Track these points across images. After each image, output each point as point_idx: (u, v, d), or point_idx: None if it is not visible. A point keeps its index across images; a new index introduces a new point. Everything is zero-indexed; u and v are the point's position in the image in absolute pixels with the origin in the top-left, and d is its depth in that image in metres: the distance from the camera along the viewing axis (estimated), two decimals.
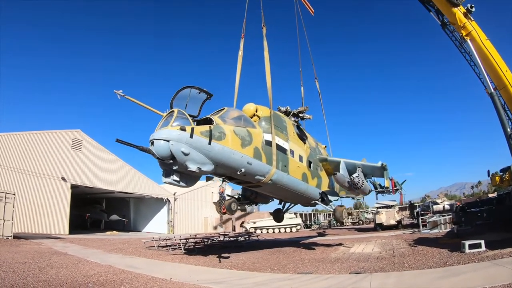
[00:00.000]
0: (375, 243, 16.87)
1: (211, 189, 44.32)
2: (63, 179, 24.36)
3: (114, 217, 33.72)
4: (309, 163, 14.20)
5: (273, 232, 36.97)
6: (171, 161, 9.02)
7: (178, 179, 9.66)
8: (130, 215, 39.62)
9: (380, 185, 14.81)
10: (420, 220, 18.87)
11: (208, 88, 10.27)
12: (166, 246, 17.14)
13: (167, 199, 37.46)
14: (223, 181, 11.31)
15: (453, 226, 15.88)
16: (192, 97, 10.00)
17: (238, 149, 10.15)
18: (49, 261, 10.09)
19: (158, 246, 17.12)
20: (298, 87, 18.76)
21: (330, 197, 15.09)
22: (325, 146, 17.50)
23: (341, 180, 13.30)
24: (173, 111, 9.29)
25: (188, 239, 17.05)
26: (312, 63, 19.08)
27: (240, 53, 13.51)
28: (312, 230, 38.55)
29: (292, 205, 17.11)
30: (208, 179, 11.74)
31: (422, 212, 23.24)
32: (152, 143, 8.70)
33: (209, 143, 9.24)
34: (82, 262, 10.54)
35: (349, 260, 11.72)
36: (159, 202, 37.45)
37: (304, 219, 49.29)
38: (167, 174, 9.64)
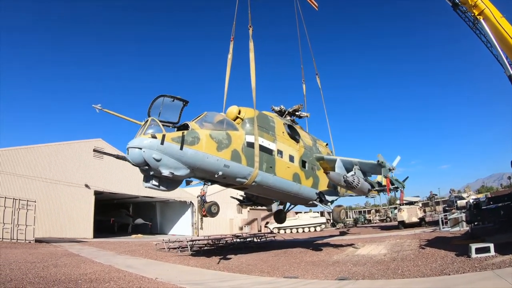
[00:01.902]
0: (387, 243, 16.72)
1: (236, 191, 46.01)
2: (87, 186, 27.17)
3: (139, 221, 36.50)
4: (303, 162, 14.54)
5: (297, 231, 37.50)
6: (146, 167, 9.98)
7: (157, 183, 10.57)
8: (156, 218, 42.47)
9: (379, 183, 14.69)
10: (441, 217, 18.31)
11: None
12: (176, 248, 18.54)
13: (191, 202, 39.48)
14: (204, 184, 12.13)
15: (468, 225, 15.27)
16: (166, 105, 10.76)
17: (213, 153, 10.84)
18: (57, 261, 11.81)
19: (169, 248, 18.59)
20: (301, 86, 19.24)
21: (331, 197, 15.36)
22: (327, 144, 17.70)
23: (336, 179, 13.47)
24: (147, 120, 10.30)
25: (195, 241, 18.33)
26: (313, 58, 19.38)
27: (230, 56, 14.07)
28: (337, 228, 38.49)
29: (293, 206, 17.61)
30: (188, 183, 12.54)
31: (446, 208, 22.30)
32: (128, 151, 9.77)
33: (181, 149, 10.03)
34: (86, 262, 12.13)
35: (347, 263, 11.87)
36: (183, 205, 39.62)
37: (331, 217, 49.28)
38: (146, 179, 10.62)
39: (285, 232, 37.67)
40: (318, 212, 40.87)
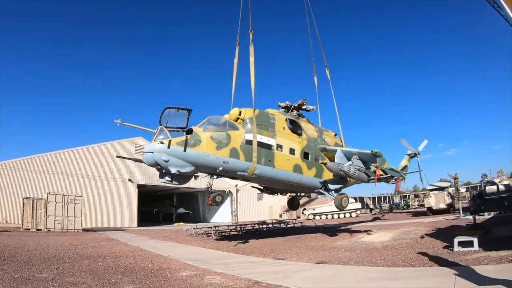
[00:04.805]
0: (399, 231, 17.17)
1: None
2: (130, 180, 31.54)
3: (181, 210, 40.80)
4: (305, 154, 15.90)
5: (332, 217, 38.66)
6: (159, 167, 12.56)
7: (170, 179, 13.12)
8: (199, 208, 46.72)
9: (374, 172, 15.42)
10: (461, 205, 18.24)
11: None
12: (203, 233, 21.26)
13: (229, 191, 42.75)
14: (210, 177, 14.36)
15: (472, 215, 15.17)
16: (174, 115, 13.04)
17: (213, 152, 12.94)
18: (95, 244, 15.14)
19: (198, 234, 21.39)
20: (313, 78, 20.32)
21: (335, 185, 16.54)
22: (335, 134, 18.67)
23: (334, 169, 14.73)
24: (158, 128, 12.73)
25: (219, 226, 20.92)
26: (322, 50, 20.07)
27: (236, 60, 15.82)
28: (373, 214, 38.83)
29: (303, 194, 19.11)
30: (195, 177, 14.92)
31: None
32: (143, 155, 12.46)
33: (184, 150, 12.32)
34: (120, 245, 15.29)
35: (341, 249, 13.00)
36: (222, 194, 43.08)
37: (374, 203, 49.38)
38: (161, 176, 13.24)
39: (320, 218, 39.09)
40: (353, 198, 41.48)
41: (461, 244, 9.87)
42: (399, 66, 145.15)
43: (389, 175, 15.42)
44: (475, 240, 9.70)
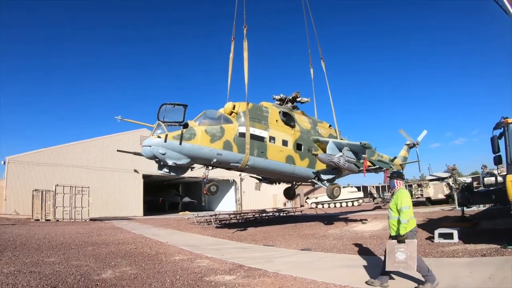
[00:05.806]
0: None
1: None
2: (135, 171, 32.79)
3: (186, 199, 42.20)
4: (298, 145, 16.56)
5: (334, 206, 39.46)
6: (157, 159, 13.50)
7: (168, 170, 14.05)
8: (204, 196, 48.11)
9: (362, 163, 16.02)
10: (457, 196, 18.67)
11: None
12: (204, 222, 22.30)
13: (233, 180, 43.87)
14: (206, 168, 15.28)
15: (460, 207, 15.70)
16: (170, 110, 13.83)
17: (207, 145, 13.78)
18: (101, 232, 16.34)
19: (199, 222, 22.44)
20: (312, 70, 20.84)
21: (327, 175, 17.28)
22: (330, 125, 19.25)
23: (325, 160, 15.42)
24: (156, 123, 13.59)
25: (218, 215, 21.99)
26: (318, 42, 20.42)
27: (231, 55, 16.37)
28: (375, 203, 39.58)
29: (298, 183, 19.95)
30: (191, 168, 15.83)
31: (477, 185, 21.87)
32: (142, 149, 13.42)
33: (180, 144, 13.20)
34: (124, 233, 16.46)
35: (330, 237, 13.69)
36: (227, 183, 44.20)
37: (378, 192, 50.05)
38: (159, 167, 14.17)
39: (322, 206, 39.94)
40: (355, 187, 42.15)
41: (442, 235, 10.19)
42: (404, 59, 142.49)
43: (377, 166, 16.06)
44: (455, 233, 10.05)
